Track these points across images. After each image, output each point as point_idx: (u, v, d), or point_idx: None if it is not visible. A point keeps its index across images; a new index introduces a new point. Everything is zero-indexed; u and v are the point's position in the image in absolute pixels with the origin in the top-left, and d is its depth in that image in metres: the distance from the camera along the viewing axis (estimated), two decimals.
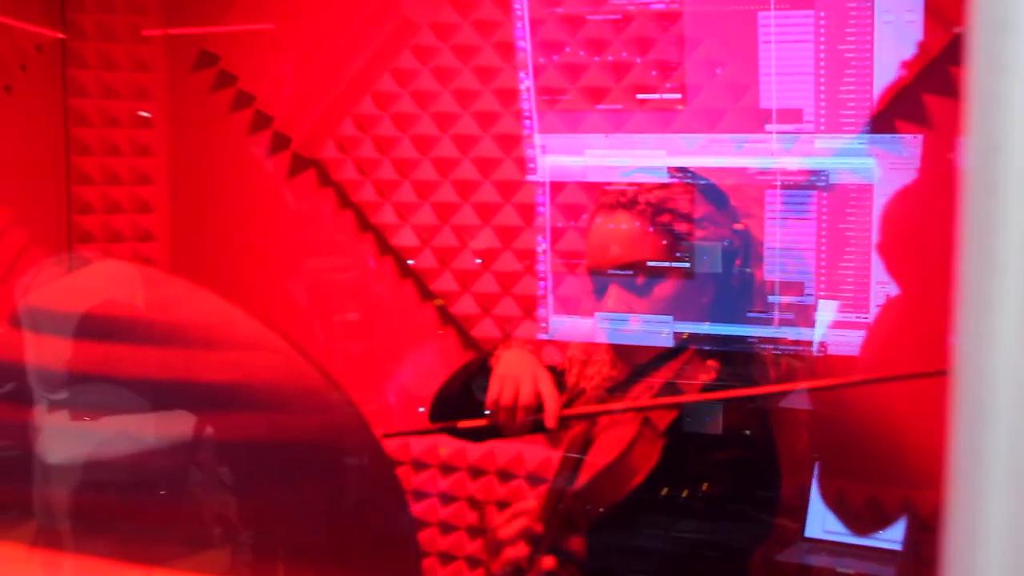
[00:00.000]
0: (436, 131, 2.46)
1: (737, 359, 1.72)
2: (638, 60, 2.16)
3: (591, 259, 1.75)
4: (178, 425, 1.39)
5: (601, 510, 1.65)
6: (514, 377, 1.66)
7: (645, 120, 2.15)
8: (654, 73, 2.15)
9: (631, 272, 1.70)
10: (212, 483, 1.44)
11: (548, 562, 1.58)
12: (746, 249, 1.75)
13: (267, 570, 1.37)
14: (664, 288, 1.71)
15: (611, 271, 1.73)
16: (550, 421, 1.64)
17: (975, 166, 0.63)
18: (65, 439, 1.43)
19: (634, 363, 1.74)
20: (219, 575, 1.34)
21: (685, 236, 1.71)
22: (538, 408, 1.65)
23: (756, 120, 1.91)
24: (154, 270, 1.54)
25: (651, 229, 1.71)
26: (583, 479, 1.67)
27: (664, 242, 1.71)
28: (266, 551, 1.39)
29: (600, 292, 1.74)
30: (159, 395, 1.39)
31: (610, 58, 2.19)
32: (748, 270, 1.76)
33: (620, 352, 1.77)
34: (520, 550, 1.59)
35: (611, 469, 1.64)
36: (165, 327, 1.41)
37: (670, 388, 1.72)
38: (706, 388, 1.69)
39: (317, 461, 1.41)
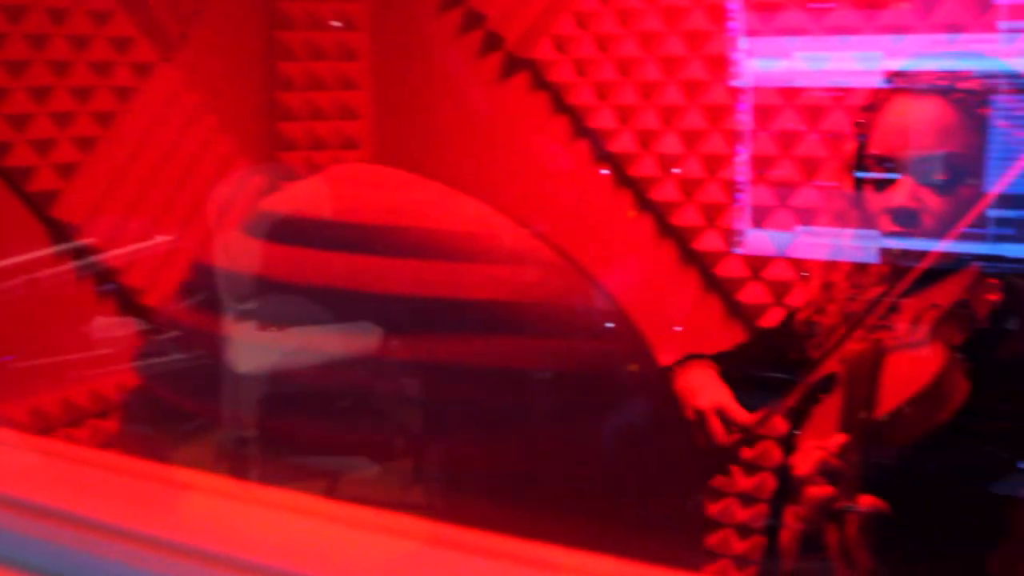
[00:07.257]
0: (662, 27, 2.26)
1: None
2: None
3: (882, 144, 1.54)
4: (433, 348, 1.24)
5: (908, 443, 1.47)
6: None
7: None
8: None
9: (939, 165, 1.50)
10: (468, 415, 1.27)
11: (866, 500, 1.41)
12: None
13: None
14: (968, 189, 1.50)
15: (912, 161, 1.52)
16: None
17: None
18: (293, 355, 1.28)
19: (893, 280, 1.54)
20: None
21: (1004, 134, 1.49)
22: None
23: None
24: (405, 172, 1.38)
25: (969, 120, 1.49)
26: (886, 407, 1.49)
27: (981, 137, 1.49)
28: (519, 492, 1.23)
29: (881, 186, 1.53)
30: (412, 313, 1.24)
31: None
32: None
33: (879, 268, 1.58)
34: (823, 489, 1.42)
35: (922, 397, 1.45)
36: (420, 236, 1.26)
37: (962, 309, 1.51)
38: (995, 310, 1.49)
39: (593, 395, 1.25)
